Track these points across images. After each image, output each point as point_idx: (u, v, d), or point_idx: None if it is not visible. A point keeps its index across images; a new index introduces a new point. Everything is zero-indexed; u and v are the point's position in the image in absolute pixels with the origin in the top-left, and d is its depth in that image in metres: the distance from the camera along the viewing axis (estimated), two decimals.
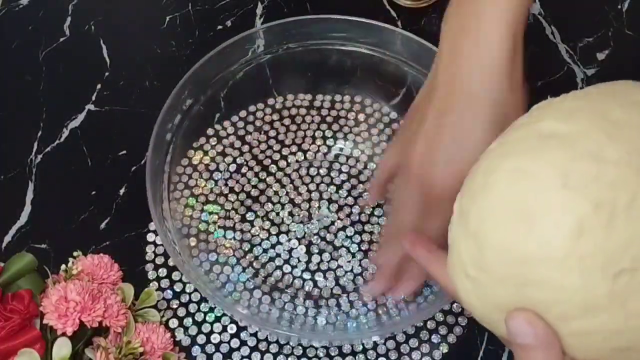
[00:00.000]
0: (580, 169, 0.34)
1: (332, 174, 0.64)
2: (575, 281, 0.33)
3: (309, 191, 0.64)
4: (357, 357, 0.57)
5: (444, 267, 0.41)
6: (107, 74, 0.71)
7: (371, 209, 0.62)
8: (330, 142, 0.66)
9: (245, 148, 0.66)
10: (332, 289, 0.59)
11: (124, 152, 0.66)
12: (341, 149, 0.66)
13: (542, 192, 0.34)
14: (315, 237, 0.61)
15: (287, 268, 0.60)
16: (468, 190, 0.38)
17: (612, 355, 0.35)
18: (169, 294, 0.59)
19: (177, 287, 0.60)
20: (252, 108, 0.68)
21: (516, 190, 0.35)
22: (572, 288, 0.33)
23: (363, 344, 0.57)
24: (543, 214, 0.34)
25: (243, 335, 0.58)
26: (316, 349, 0.57)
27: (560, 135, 0.35)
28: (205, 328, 0.58)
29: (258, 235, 0.61)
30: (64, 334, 0.52)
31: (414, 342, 0.58)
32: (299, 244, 0.61)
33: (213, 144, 0.66)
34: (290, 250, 0.61)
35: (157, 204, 0.58)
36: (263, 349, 0.57)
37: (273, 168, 0.65)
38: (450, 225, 0.39)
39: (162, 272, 0.60)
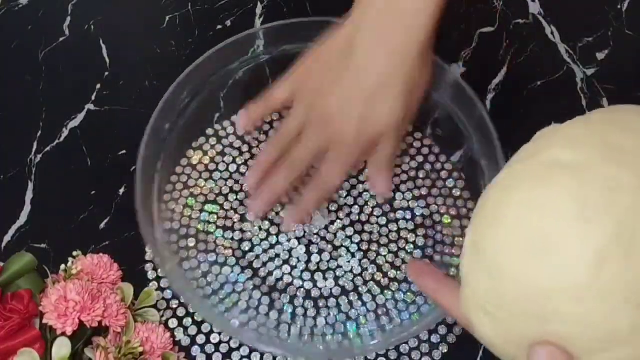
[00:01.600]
0: (595, 198, 0.33)
1: None
2: (598, 314, 0.33)
3: None
4: (356, 357, 0.57)
5: (455, 297, 0.40)
6: (107, 74, 0.71)
7: (371, 209, 0.62)
8: None
9: (245, 148, 0.66)
10: (331, 289, 0.59)
11: (124, 152, 0.66)
12: None
13: (558, 223, 0.34)
14: (315, 237, 0.61)
15: (286, 268, 0.60)
16: (479, 224, 0.38)
17: None
18: (168, 293, 0.59)
19: None
20: None
21: (531, 221, 0.35)
22: (595, 321, 0.33)
23: (363, 343, 0.57)
24: (561, 246, 0.34)
25: None
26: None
27: (569, 164, 0.35)
28: (205, 328, 0.58)
29: (257, 235, 0.61)
30: (63, 334, 0.52)
31: (413, 342, 0.58)
32: (299, 243, 0.61)
33: (213, 143, 0.66)
34: (289, 250, 0.61)
35: (147, 212, 0.58)
36: None
37: None
38: (462, 259, 0.39)
39: (162, 271, 0.60)
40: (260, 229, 0.62)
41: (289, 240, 0.61)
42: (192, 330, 0.58)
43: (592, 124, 0.37)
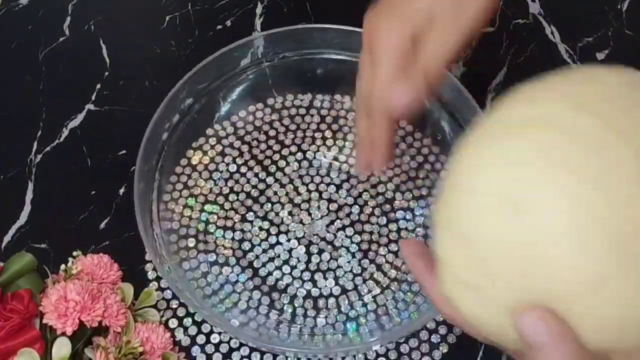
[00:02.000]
0: (558, 143, 0.33)
1: (332, 174, 0.65)
2: (577, 255, 0.32)
3: (309, 191, 0.64)
4: (356, 357, 0.57)
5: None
6: (107, 73, 0.71)
7: (371, 209, 0.62)
8: (329, 142, 0.66)
9: (245, 148, 0.66)
10: (331, 289, 0.59)
11: (124, 152, 0.66)
12: (341, 149, 0.66)
13: (524, 174, 0.34)
14: (315, 237, 0.61)
15: (286, 268, 0.60)
16: (445, 195, 0.37)
17: (634, 331, 0.34)
18: (168, 293, 0.59)
19: None
20: (251, 108, 0.68)
21: (497, 179, 0.34)
22: (576, 263, 0.32)
23: (363, 342, 0.57)
24: (530, 196, 0.33)
25: None
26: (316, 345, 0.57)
27: (526, 118, 0.35)
28: (205, 328, 0.58)
29: (257, 235, 0.61)
30: (63, 334, 0.52)
31: (413, 342, 0.58)
32: (299, 244, 0.61)
33: (212, 144, 0.66)
34: (289, 250, 0.61)
35: (145, 211, 0.58)
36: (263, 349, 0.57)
37: (272, 168, 0.65)
38: (433, 238, 0.38)
39: (160, 272, 0.60)
40: (260, 229, 0.62)
41: (288, 241, 0.61)
42: (192, 330, 0.58)
43: (550, 82, 0.37)
